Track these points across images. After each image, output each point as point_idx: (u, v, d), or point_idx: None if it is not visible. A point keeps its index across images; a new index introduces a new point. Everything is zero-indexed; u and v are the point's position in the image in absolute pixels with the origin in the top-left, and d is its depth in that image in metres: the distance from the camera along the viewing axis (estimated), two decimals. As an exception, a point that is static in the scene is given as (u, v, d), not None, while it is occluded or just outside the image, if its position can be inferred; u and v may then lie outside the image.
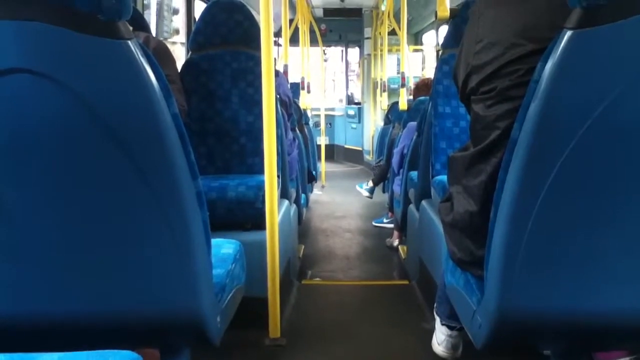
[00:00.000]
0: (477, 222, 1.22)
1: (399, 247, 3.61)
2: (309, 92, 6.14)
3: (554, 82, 0.95)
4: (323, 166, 7.12)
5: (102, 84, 0.91)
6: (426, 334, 2.02)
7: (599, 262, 1.05)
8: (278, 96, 2.75)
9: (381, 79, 7.58)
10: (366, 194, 4.96)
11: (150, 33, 2.46)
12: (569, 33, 0.93)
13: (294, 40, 6.04)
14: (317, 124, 8.17)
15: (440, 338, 1.91)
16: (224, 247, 1.46)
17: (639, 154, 0.98)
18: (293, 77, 5.83)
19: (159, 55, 2.19)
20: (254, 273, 1.83)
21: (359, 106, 9.72)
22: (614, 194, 1.02)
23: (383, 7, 7.25)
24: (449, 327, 1.88)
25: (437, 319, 1.93)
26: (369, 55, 9.09)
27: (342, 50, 10.23)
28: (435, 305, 1.95)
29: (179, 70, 2.47)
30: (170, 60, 2.34)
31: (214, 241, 1.35)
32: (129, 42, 0.89)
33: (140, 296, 1.06)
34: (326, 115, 8.64)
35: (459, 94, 1.32)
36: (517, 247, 1.05)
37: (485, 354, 1.84)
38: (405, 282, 2.92)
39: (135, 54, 0.89)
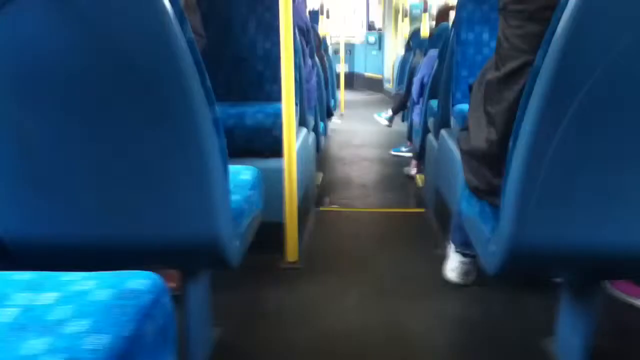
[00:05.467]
0: (496, 150, 1.21)
1: (417, 175, 3.62)
2: (328, 17, 5.97)
3: (580, 9, 0.91)
4: (342, 94, 7.04)
5: (114, 9, 0.89)
6: (440, 260, 2.07)
7: (614, 195, 1.05)
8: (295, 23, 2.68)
9: (403, 5, 7.33)
10: (385, 122, 4.92)
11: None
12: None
13: (314, -38, 5.82)
14: (336, 51, 8.01)
15: (453, 265, 1.95)
16: (242, 173, 1.47)
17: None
18: (312, 3, 5.66)
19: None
20: (272, 199, 1.86)
21: (379, 33, 9.46)
22: (633, 129, 1.00)
23: None
24: (463, 254, 1.91)
25: (452, 246, 1.96)
26: (391, -21, 8.76)
27: (364, -26, 9.86)
28: (450, 232, 1.97)
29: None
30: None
31: (232, 168, 1.37)
32: (141, -37, 0.87)
33: (161, 220, 1.09)
34: (346, 43, 8.45)
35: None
36: (534, 177, 1.04)
37: (497, 281, 1.89)
38: (421, 210, 2.95)
39: (148, -23, 0.87)
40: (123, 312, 0.71)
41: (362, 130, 5.63)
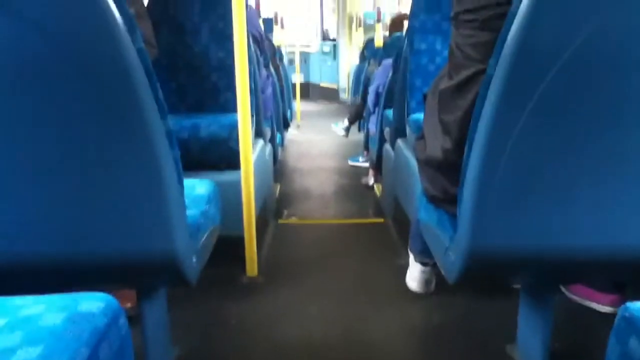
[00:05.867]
0: (452, 159, 1.22)
1: (375, 185, 3.64)
2: (282, 27, 5.98)
3: (531, 13, 0.92)
4: (298, 105, 7.04)
5: (64, 17, 0.86)
6: (400, 269, 2.07)
7: (569, 199, 1.07)
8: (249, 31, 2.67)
9: (357, 14, 7.41)
10: (342, 132, 4.94)
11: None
12: (547, -37, 0.90)
13: (267, -28, 5.82)
14: (291, 61, 8.02)
15: (414, 274, 1.96)
16: (198, 187, 1.44)
17: (614, 87, 0.98)
18: (266, 12, 5.65)
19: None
20: (230, 212, 1.83)
21: (334, 42, 9.54)
22: (588, 131, 1.02)
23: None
24: (422, 264, 1.92)
25: (411, 256, 1.97)
26: (345, -12, 8.85)
27: (317, -16, 9.93)
28: (409, 241, 1.98)
29: (147, 1, 2.36)
30: (138, -5, 2.23)
31: (187, 181, 1.33)
32: (89, -29, 0.84)
33: (114, 237, 1.05)
34: (301, 52, 8.47)
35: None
36: (489, 184, 1.06)
37: (458, 289, 1.91)
38: (381, 220, 2.96)
39: (95, -16, 0.84)
40: (76, 337, 0.68)
41: (319, 141, 5.64)
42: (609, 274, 1.35)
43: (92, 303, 0.76)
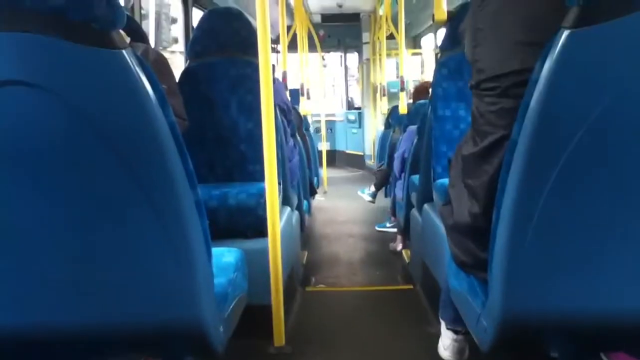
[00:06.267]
0: (480, 224, 1.21)
1: (403, 251, 3.59)
2: (308, 98, 6.13)
3: (552, 82, 0.94)
4: (325, 172, 7.11)
5: (97, 94, 0.91)
6: (431, 338, 2.01)
7: (602, 263, 1.04)
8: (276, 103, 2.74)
9: (380, 84, 7.58)
10: (368, 198, 4.94)
11: (149, 44, 2.46)
12: (566, 32, 0.92)
13: (293, 46, 6.04)
14: (317, 130, 8.17)
15: (446, 343, 1.90)
16: (225, 255, 1.45)
17: (638, 153, 0.97)
18: (292, 84, 5.83)
19: (159, 67, 2.18)
20: (257, 281, 1.82)
21: (359, 111, 9.72)
22: (615, 195, 1.01)
23: (381, 12, 7.25)
24: (454, 332, 1.86)
25: (442, 323, 1.92)
26: (368, 59, 9.10)
27: (341, 56, 10.24)
28: (439, 309, 1.93)
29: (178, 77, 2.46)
30: (170, 72, 2.33)
31: (215, 250, 1.34)
32: (124, 51, 0.89)
33: (141, 307, 1.05)
34: (327, 121, 8.64)
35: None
36: (519, 249, 1.04)
37: (492, 357, 1.84)
38: (410, 286, 2.90)
39: (130, 63, 0.89)
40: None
41: (346, 207, 5.64)
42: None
43: (120, 373, 0.75)
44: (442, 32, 5.62)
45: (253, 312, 1.64)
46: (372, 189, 4.84)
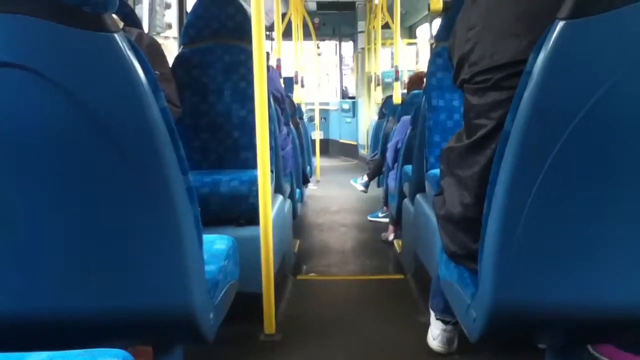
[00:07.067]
0: (471, 215, 1.21)
1: (394, 241, 3.61)
2: (302, 86, 6.12)
3: (546, 73, 0.94)
4: (318, 161, 7.11)
5: (88, 77, 0.90)
6: (421, 327, 2.02)
7: (593, 255, 1.05)
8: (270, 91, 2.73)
9: (375, 73, 7.57)
10: (361, 188, 4.95)
11: (143, 29, 2.44)
12: (561, 23, 0.92)
13: (287, 34, 6.01)
14: (311, 119, 8.16)
15: (435, 332, 1.91)
16: (217, 243, 1.45)
17: (632, 145, 0.98)
18: (287, 72, 5.80)
19: (152, 53, 2.17)
20: (248, 269, 1.82)
21: (353, 100, 9.71)
22: (607, 186, 1.01)
23: (376, 1, 7.23)
24: (444, 322, 1.88)
25: (432, 313, 1.93)
26: (363, 49, 9.08)
27: (336, 44, 10.22)
28: (430, 299, 1.95)
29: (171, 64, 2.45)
30: (164, 58, 2.32)
31: (207, 237, 1.34)
32: (116, 35, 0.88)
33: (131, 293, 1.05)
34: (320, 110, 8.63)
35: (453, 78, 1.30)
36: (510, 240, 1.04)
37: (481, 348, 1.85)
38: (401, 276, 2.92)
39: (122, 47, 0.88)
40: (90, 394, 0.67)
41: (339, 196, 5.65)
42: (637, 333, 1.31)
43: (108, 359, 0.75)
44: (437, 22, 5.62)
45: (244, 300, 1.64)
46: (365, 178, 4.84)
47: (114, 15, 0.90)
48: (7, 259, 1.01)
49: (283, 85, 3.83)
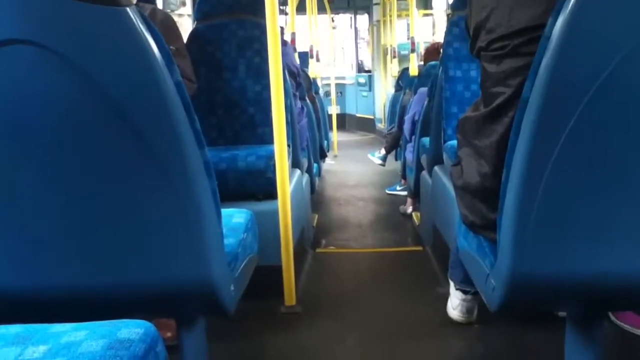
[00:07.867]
0: (489, 184, 1.20)
1: (413, 214, 3.61)
2: (318, 60, 6.07)
3: (565, 38, 0.91)
4: (335, 135, 7.09)
5: (100, 52, 0.89)
6: (441, 298, 2.03)
7: (612, 223, 1.03)
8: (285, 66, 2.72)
9: (391, 46, 7.48)
10: (378, 162, 4.94)
11: (156, 5, 2.43)
12: (580, -14, 0.89)
13: (301, 8, 5.94)
14: (327, 93, 8.11)
15: (455, 302, 1.92)
16: (235, 216, 1.46)
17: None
18: (301, 46, 5.76)
19: (166, 28, 2.16)
20: (267, 242, 1.84)
21: (369, 74, 9.62)
22: (627, 154, 0.99)
23: (392, -29, 7.10)
24: (463, 292, 1.88)
25: (451, 284, 1.93)
26: (378, 21, 8.95)
27: (351, 17, 10.08)
28: (449, 270, 1.95)
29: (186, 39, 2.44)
30: (178, 33, 2.31)
31: (225, 211, 1.35)
32: (128, 9, 0.87)
33: (152, 266, 1.06)
34: (336, 84, 8.57)
35: (470, 47, 1.29)
36: (529, 209, 1.03)
37: (500, 317, 1.86)
38: (420, 248, 2.92)
39: (135, 21, 0.88)
40: (115, 364, 0.69)
41: (356, 171, 5.64)
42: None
43: (131, 330, 0.77)
44: (454, -9, 5.48)
45: (264, 273, 1.66)
46: (383, 152, 4.83)
47: (126, -10, 0.90)
48: (26, 236, 1.03)
49: (298, 61, 3.81)
